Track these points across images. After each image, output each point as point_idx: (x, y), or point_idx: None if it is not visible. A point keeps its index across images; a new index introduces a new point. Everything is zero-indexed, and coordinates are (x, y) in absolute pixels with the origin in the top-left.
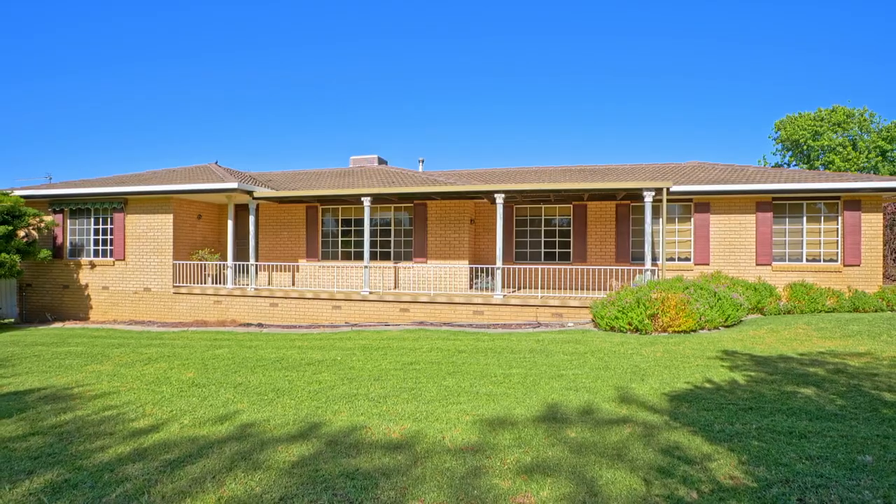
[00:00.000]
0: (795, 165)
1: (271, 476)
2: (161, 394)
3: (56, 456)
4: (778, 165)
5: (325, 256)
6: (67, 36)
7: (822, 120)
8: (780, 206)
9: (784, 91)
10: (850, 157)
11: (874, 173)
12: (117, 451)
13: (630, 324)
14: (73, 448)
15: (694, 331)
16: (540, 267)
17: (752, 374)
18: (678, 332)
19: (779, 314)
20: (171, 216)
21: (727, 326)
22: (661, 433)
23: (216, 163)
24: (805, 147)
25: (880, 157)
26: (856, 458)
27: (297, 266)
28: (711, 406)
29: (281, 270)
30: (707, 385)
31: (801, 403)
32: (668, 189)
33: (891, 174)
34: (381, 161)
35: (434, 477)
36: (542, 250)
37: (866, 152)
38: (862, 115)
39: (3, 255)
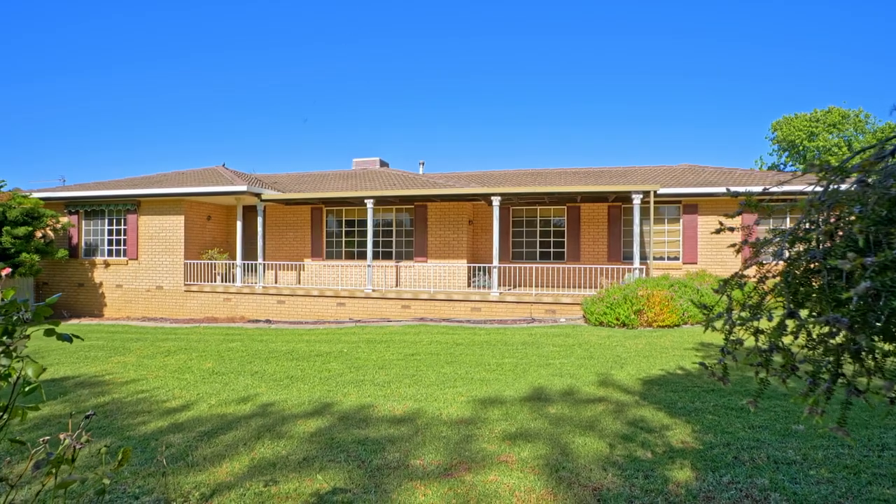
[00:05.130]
0: (791, 166)
1: (294, 443)
2: (185, 380)
3: (105, 428)
4: (774, 166)
5: (330, 256)
6: (68, 36)
7: (817, 121)
8: (765, 207)
9: (782, 92)
10: (845, 157)
11: None
12: (157, 424)
13: (617, 319)
14: (118, 423)
15: (677, 325)
16: (535, 266)
17: (725, 362)
18: (662, 326)
19: None
20: (182, 217)
21: None
22: (630, 409)
23: (223, 165)
24: (801, 147)
25: None
26: (790, 428)
27: (303, 265)
28: (678, 388)
29: (287, 269)
30: (679, 371)
31: (758, 386)
32: (655, 192)
33: None
34: (382, 163)
35: (432, 442)
36: (538, 250)
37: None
38: (857, 116)
39: (24, 254)
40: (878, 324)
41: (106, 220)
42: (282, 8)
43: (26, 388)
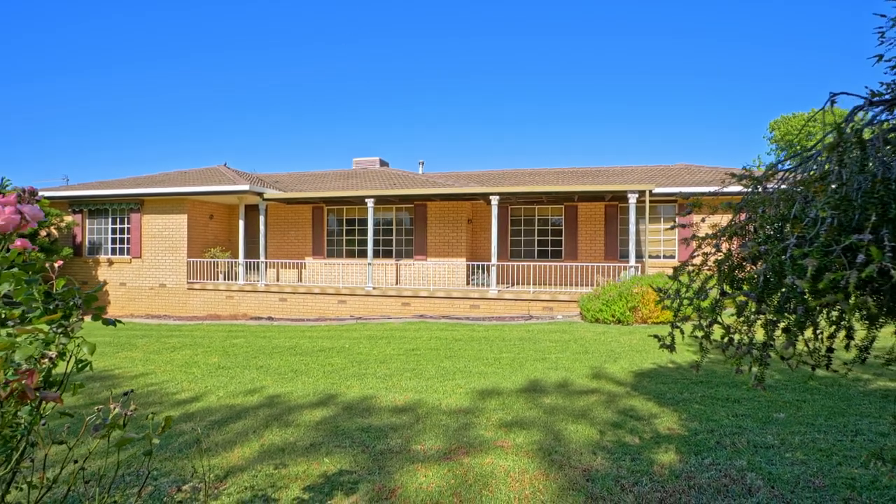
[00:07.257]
0: (789, 165)
1: (301, 430)
2: (193, 374)
3: None
4: (772, 165)
5: (331, 254)
6: (68, 36)
7: (814, 120)
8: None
9: (781, 91)
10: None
11: None
12: (168, 414)
13: (613, 316)
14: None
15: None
16: (533, 264)
17: (712, 356)
18: (657, 323)
19: None
20: (185, 216)
21: None
22: (621, 400)
23: (225, 164)
24: (798, 147)
25: None
26: (772, 416)
27: (304, 263)
28: (669, 380)
29: (288, 267)
30: (670, 365)
31: (745, 378)
32: (651, 191)
33: None
34: (382, 163)
35: (432, 429)
36: (536, 248)
37: None
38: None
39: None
40: (790, 304)
41: (109, 219)
42: (282, 8)
43: (79, 365)
